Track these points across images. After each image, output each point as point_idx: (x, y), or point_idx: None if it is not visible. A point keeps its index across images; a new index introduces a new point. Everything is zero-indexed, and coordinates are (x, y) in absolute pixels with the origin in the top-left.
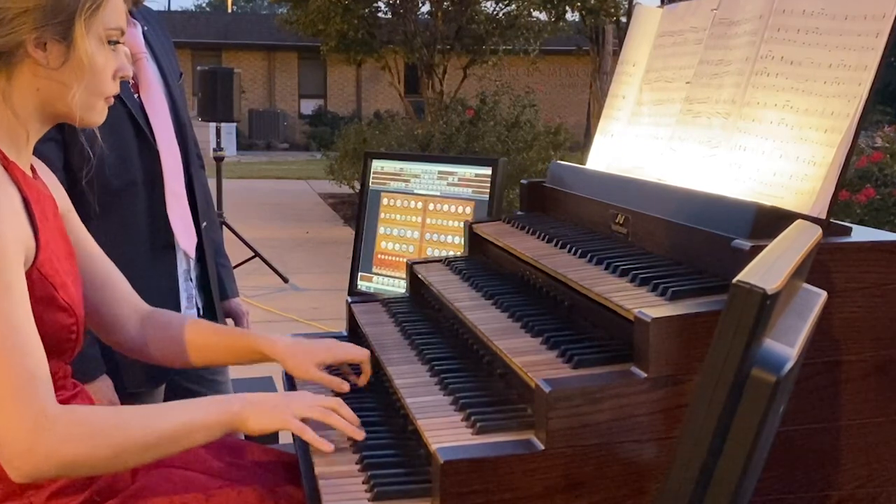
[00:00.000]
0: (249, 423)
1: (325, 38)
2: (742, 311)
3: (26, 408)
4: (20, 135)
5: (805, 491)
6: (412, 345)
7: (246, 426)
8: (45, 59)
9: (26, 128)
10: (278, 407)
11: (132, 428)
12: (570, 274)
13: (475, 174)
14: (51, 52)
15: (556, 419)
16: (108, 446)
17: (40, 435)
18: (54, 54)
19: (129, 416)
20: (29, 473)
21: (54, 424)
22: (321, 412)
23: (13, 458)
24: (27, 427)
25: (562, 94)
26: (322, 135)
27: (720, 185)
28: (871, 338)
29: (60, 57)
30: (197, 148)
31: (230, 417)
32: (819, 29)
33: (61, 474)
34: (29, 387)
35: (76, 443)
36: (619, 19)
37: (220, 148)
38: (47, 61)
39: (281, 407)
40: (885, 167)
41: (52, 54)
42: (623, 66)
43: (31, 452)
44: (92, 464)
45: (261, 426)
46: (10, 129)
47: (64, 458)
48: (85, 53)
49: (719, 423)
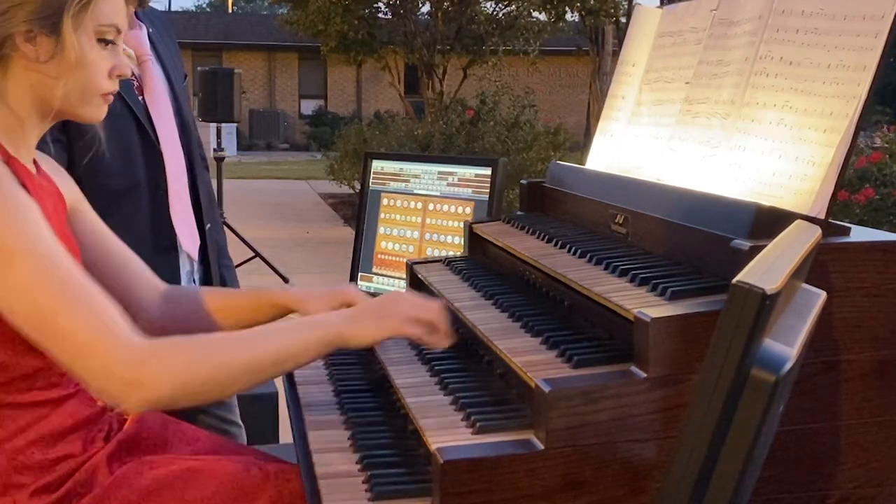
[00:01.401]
0: (354, 340)
1: (325, 38)
2: (741, 311)
3: (118, 344)
4: (18, 130)
5: (804, 491)
6: (412, 344)
7: (348, 342)
8: (34, 52)
9: (24, 123)
10: (379, 319)
11: (233, 351)
12: (569, 274)
13: (475, 174)
14: (40, 46)
15: (555, 419)
16: (210, 368)
17: (141, 366)
18: (44, 48)
19: (229, 340)
20: (147, 400)
21: (152, 353)
22: (419, 332)
23: (124, 394)
24: (126, 360)
25: (562, 95)
26: (322, 135)
27: (719, 185)
28: (871, 338)
29: (49, 51)
30: (201, 150)
31: (333, 335)
32: (818, 29)
33: (177, 398)
34: (113, 325)
35: (178, 367)
36: (618, 20)
37: (221, 148)
38: (37, 55)
39: (381, 320)
40: (884, 167)
41: (42, 48)
42: (623, 67)
43: (138, 384)
44: (195, 387)
45: (364, 340)
46: (8, 124)
47: (172, 382)
48: (73, 48)
49: (719, 423)
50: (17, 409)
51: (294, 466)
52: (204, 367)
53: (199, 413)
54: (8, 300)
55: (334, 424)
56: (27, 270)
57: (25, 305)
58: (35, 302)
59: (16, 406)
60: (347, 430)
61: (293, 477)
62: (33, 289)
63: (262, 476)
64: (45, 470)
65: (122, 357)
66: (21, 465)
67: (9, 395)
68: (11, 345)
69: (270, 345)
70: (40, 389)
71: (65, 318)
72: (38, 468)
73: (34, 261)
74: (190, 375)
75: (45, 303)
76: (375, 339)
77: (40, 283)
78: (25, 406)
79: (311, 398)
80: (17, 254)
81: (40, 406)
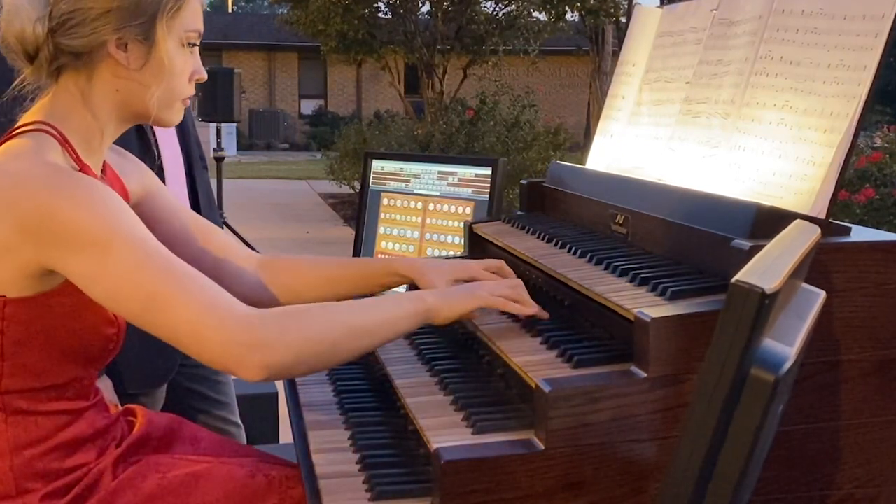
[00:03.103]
0: (443, 312)
1: (325, 38)
2: (741, 310)
3: (232, 312)
4: (96, 136)
5: (804, 491)
6: (412, 345)
7: (440, 315)
8: (126, 59)
9: (102, 129)
10: (467, 294)
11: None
12: (570, 274)
13: (475, 174)
14: (132, 53)
15: (555, 419)
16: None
17: (262, 329)
18: (135, 55)
19: (335, 307)
20: (268, 365)
21: (269, 318)
22: (503, 302)
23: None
24: (245, 325)
25: (562, 94)
26: (322, 135)
27: (720, 185)
28: (871, 337)
29: (141, 58)
30: (200, 150)
31: (425, 308)
32: (818, 29)
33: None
34: (223, 295)
35: (294, 331)
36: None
37: (221, 148)
38: (128, 62)
39: (469, 294)
40: (884, 167)
41: (133, 55)
42: (623, 67)
43: (262, 345)
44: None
45: (454, 313)
46: (87, 130)
47: (291, 345)
48: (166, 54)
49: (719, 423)
50: (43, 417)
51: (298, 472)
52: (317, 330)
53: (200, 413)
54: (112, 285)
55: (334, 424)
56: (127, 254)
57: (131, 288)
58: (141, 282)
59: (42, 414)
60: (347, 430)
61: (297, 484)
62: (137, 271)
63: (267, 482)
64: (58, 477)
65: (240, 323)
66: (37, 472)
67: (39, 402)
68: (57, 352)
69: (372, 313)
70: (68, 399)
71: (174, 292)
72: (52, 475)
73: (131, 244)
74: (306, 339)
75: (151, 281)
76: (465, 309)
77: (142, 265)
78: (51, 414)
79: (311, 398)
80: (114, 240)
81: (64, 415)
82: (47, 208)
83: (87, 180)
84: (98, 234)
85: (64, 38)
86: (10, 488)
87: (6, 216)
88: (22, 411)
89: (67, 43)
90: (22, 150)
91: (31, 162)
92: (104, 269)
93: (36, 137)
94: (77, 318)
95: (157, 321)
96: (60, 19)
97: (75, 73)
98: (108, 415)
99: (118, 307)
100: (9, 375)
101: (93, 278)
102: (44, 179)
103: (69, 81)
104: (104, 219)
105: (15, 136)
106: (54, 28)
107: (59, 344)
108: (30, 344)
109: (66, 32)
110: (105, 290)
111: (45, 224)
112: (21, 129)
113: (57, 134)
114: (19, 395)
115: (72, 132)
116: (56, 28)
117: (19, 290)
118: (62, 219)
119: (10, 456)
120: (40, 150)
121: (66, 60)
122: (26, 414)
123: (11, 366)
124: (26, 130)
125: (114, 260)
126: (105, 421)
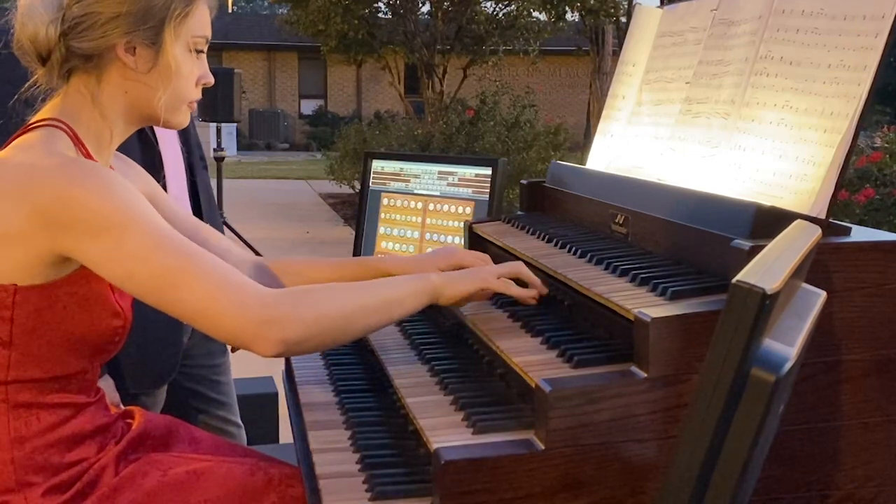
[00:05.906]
0: (447, 291)
1: (325, 38)
2: (741, 310)
3: (247, 289)
4: (105, 135)
5: (804, 491)
6: (412, 345)
7: (444, 294)
8: (134, 63)
9: (111, 129)
10: (470, 275)
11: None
12: (570, 274)
13: (475, 174)
14: (140, 57)
15: (555, 419)
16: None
17: (276, 305)
18: (143, 59)
19: (345, 285)
20: (283, 340)
21: (283, 294)
22: (504, 285)
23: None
24: (259, 302)
25: (562, 94)
26: (322, 135)
27: (720, 185)
28: (871, 337)
29: (149, 61)
30: (200, 150)
31: (432, 287)
32: (818, 29)
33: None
34: (237, 274)
35: (307, 307)
36: (618, 19)
37: (221, 148)
38: (136, 65)
39: (472, 275)
40: (884, 167)
41: (141, 58)
42: (623, 67)
43: (276, 321)
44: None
45: (458, 292)
46: (97, 129)
47: (305, 320)
48: (173, 59)
49: (719, 423)
50: (45, 409)
51: (297, 471)
52: (330, 306)
53: (200, 413)
54: (129, 266)
55: (334, 424)
56: (142, 235)
57: (147, 268)
58: (157, 262)
59: (44, 406)
60: (347, 430)
61: (296, 483)
62: (153, 251)
63: (266, 480)
64: (59, 471)
65: (254, 299)
66: (38, 466)
67: (42, 394)
68: (64, 342)
69: (381, 290)
70: (71, 393)
71: (189, 270)
72: (52, 469)
73: (145, 226)
74: (319, 314)
75: (166, 261)
76: (469, 290)
77: (157, 245)
78: (53, 407)
79: (311, 398)
80: (129, 223)
81: (66, 408)
82: (63, 195)
83: (99, 168)
84: (113, 218)
85: (75, 41)
86: (10, 482)
87: (22, 204)
88: (25, 403)
89: (78, 45)
90: (36, 142)
91: (44, 152)
92: (120, 251)
93: (49, 132)
94: (85, 308)
95: (172, 299)
96: (72, 22)
97: (85, 74)
98: (109, 413)
99: (134, 287)
100: (15, 365)
101: (110, 260)
102: (58, 168)
103: (79, 83)
104: (118, 203)
105: (28, 130)
106: (66, 31)
107: (66, 334)
108: (38, 333)
109: (77, 35)
110: (122, 271)
111: (62, 211)
112: (34, 124)
113: (68, 130)
114: (23, 386)
115: (82, 130)
116: (68, 31)
117: (31, 277)
118: (78, 205)
119: (10, 448)
120: (53, 143)
121: (76, 62)
122: (29, 406)
123: (19, 355)
124: (39, 126)
125: (130, 242)
126: (105, 419)
